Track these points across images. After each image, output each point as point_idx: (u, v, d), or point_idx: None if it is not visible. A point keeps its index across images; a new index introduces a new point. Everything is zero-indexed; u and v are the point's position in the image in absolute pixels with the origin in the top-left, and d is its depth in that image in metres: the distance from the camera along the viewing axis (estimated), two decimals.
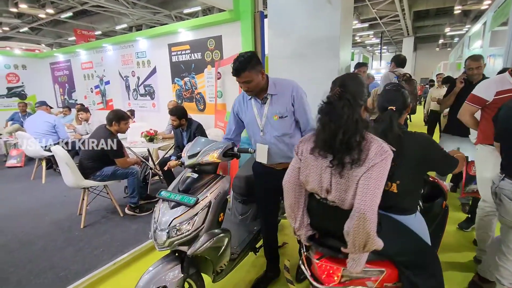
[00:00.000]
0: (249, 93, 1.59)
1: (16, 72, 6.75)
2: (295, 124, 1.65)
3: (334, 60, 2.56)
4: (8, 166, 5.05)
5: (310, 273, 1.24)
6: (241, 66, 1.48)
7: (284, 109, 1.59)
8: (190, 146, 1.68)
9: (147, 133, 3.59)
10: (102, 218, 2.94)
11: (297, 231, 1.25)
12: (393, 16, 13.97)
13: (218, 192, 1.56)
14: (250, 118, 1.68)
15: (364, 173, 1.01)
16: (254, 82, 1.53)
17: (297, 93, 1.59)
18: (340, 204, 1.09)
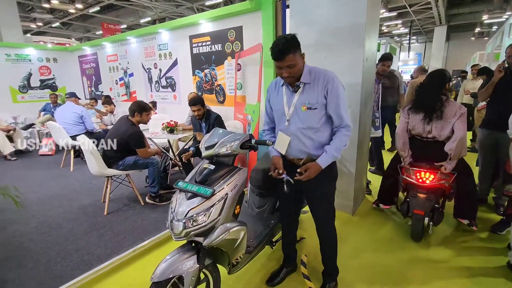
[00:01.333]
0: (290, 79, 1.43)
1: (48, 65, 7.12)
2: (326, 119, 1.50)
3: (359, 49, 2.43)
4: (40, 154, 5.37)
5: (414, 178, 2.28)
6: (285, 48, 1.33)
7: (314, 100, 1.45)
8: (207, 137, 1.66)
9: (167, 124, 3.65)
10: (124, 206, 3.04)
11: (405, 159, 2.37)
12: (424, 3, 13.12)
13: (235, 184, 1.53)
14: (278, 105, 1.57)
15: (457, 120, 2.15)
16: (297, 66, 1.39)
17: (332, 85, 1.43)
18: (438, 138, 2.24)
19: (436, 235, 2.38)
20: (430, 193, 2.20)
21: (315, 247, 2.20)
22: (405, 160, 2.35)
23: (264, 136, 1.72)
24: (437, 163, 2.22)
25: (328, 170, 1.54)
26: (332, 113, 1.47)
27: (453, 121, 2.14)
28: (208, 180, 1.53)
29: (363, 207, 2.98)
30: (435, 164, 2.22)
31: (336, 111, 1.46)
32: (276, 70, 1.44)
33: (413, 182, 2.24)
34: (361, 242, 2.32)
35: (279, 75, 1.46)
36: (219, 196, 1.46)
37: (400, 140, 2.39)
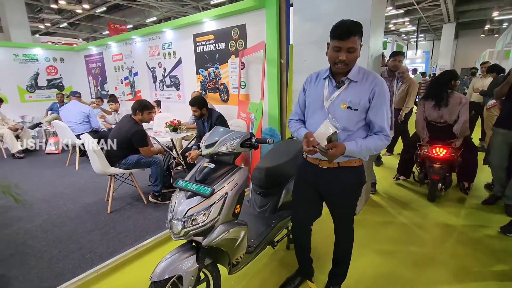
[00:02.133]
0: (343, 67, 1.29)
1: (55, 64, 7.21)
2: (364, 124, 1.37)
3: (364, 46, 2.35)
4: (47, 152, 5.44)
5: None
6: (353, 28, 1.23)
7: (357, 100, 1.31)
8: (208, 136, 1.64)
9: (171, 123, 3.64)
10: (127, 204, 3.05)
11: (425, 138, 2.96)
12: (433, 0, 12.90)
13: (235, 183, 1.51)
14: (315, 97, 1.43)
15: (462, 107, 2.79)
16: (356, 52, 1.28)
17: (381, 90, 1.31)
18: (449, 121, 2.87)
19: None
20: (443, 164, 2.84)
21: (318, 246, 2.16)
22: (424, 139, 2.98)
23: (290, 126, 1.57)
24: (448, 140, 2.89)
25: (357, 177, 1.47)
26: (373, 119, 1.34)
27: (459, 108, 2.81)
28: (208, 179, 1.51)
29: (368, 206, 2.93)
30: (448, 141, 2.88)
31: (379, 118, 1.33)
32: (331, 53, 1.30)
33: (430, 155, 2.88)
34: (365, 244, 2.27)
35: (332, 59, 1.30)
36: (219, 195, 1.44)
37: (419, 124, 3.03)
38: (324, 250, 2.08)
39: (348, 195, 1.51)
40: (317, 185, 1.53)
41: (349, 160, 1.43)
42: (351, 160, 1.43)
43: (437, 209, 2.81)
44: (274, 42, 3.41)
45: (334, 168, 1.44)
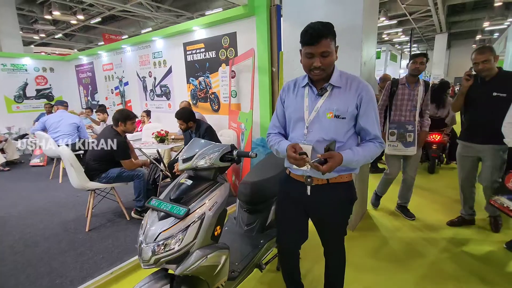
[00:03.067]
0: (320, 74, 1.18)
1: (44, 74, 7.06)
2: (353, 132, 1.26)
3: (356, 52, 2.27)
4: (32, 165, 5.23)
5: None
6: (323, 31, 1.12)
7: (344, 108, 1.20)
8: (186, 148, 1.49)
9: (157, 133, 3.49)
10: (108, 221, 2.85)
11: None
12: (425, 11, 13.09)
13: (214, 202, 1.35)
14: (295, 108, 1.28)
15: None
16: (331, 57, 1.16)
17: (368, 95, 1.20)
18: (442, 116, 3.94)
19: None
20: (438, 145, 3.95)
21: (310, 269, 1.99)
22: None
23: (269, 140, 1.41)
24: (441, 129, 3.92)
25: (348, 194, 1.33)
26: (365, 126, 1.23)
27: (449, 107, 3.57)
28: (184, 198, 1.34)
29: (364, 221, 2.76)
30: (441, 129, 3.91)
31: (370, 125, 1.23)
32: (304, 61, 1.19)
33: (429, 140, 3.89)
34: (362, 261, 2.10)
35: (307, 67, 1.20)
36: (195, 216, 1.27)
37: None
38: (318, 272, 1.90)
39: (339, 214, 1.36)
40: (303, 205, 1.36)
41: (339, 175, 1.29)
42: (342, 176, 1.30)
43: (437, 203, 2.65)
44: (265, 50, 3.32)
45: (323, 185, 1.29)
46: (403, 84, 2.55)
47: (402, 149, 2.54)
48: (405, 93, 2.53)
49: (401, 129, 2.53)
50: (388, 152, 2.61)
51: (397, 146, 2.56)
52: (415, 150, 2.53)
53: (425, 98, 2.52)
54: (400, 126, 2.54)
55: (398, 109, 2.55)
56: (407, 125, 2.51)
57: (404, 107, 2.53)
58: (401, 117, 2.54)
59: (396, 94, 2.56)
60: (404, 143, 2.53)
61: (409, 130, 2.51)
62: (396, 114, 2.57)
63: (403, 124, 2.52)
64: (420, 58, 2.49)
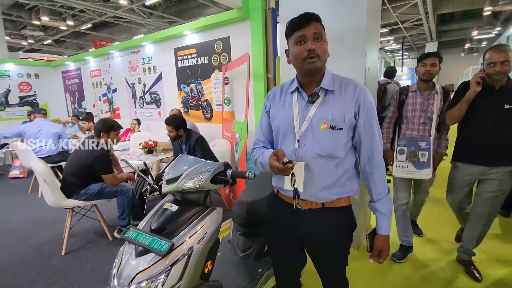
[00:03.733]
0: (316, 60, 0.99)
1: (29, 81, 6.74)
2: (352, 145, 1.08)
3: (360, 56, 2.10)
4: (11, 177, 4.89)
5: None
6: (313, 14, 1.00)
7: (341, 117, 1.01)
8: (170, 167, 1.27)
9: (145, 144, 3.24)
10: (88, 242, 2.57)
11: None
12: (416, 20, 13.27)
13: (204, 232, 1.12)
14: (284, 118, 1.09)
15: None
16: (324, 43, 1.00)
17: (365, 99, 1.02)
18: None
19: None
20: None
21: None
22: None
23: (253, 155, 1.23)
24: None
25: (348, 220, 1.13)
26: (363, 140, 1.04)
27: None
28: (168, 227, 1.12)
29: None
30: None
31: (372, 138, 1.04)
32: (295, 50, 1.01)
33: None
34: (368, 285, 1.88)
35: (299, 56, 1.00)
36: (181, 252, 1.05)
37: None
38: None
39: (337, 244, 1.15)
40: (296, 232, 1.14)
41: (338, 199, 1.08)
42: (340, 199, 1.09)
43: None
44: (261, 55, 3.13)
45: (317, 210, 1.08)
46: (414, 91, 2.09)
47: (413, 171, 2.04)
48: (417, 103, 2.07)
49: (413, 146, 2.04)
50: (396, 174, 2.11)
51: (407, 167, 2.05)
52: (430, 173, 2.00)
53: (443, 108, 2.03)
54: (411, 143, 2.05)
55: (410, 121, 2.09)
56: (420, 142, 2.02)
57: (417, 120, 2.06)
58: (412, 132, 2.07)
59: (406, 103, 2.11)
60: (415, 164, 2.03)
61: (422, 147, 2.00)
62: (407, 128, 2.10)
63: (415, 141, 2.04)
64: (430, 59, 2.00)
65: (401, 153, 2.08)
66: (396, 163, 2.10)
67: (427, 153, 2.00)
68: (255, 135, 1.27)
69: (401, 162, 2.08)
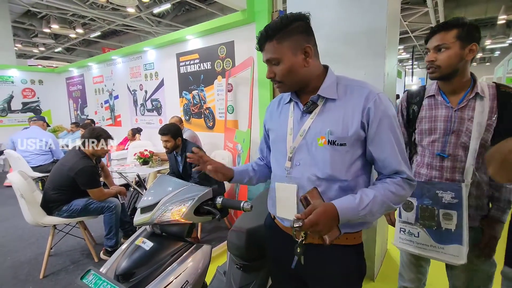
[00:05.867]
0: (279, 86, 0.87)
1: (32, 87, 6.68)
2: (362, 165, 0.85)
3: (379, 59, 1.84)
4: (6, 185, 4.70)
5: None
6: (264, 33, 0.83)
7: (342, 130, 0.81)
8: (147, 191, 1.01)
9: (140, 154, 3.01)
10: (72, 263, 2.32)
11: None
12: (427, 28, 13.02)
13: (184, 281, 0.85)
14: (278, 132, 0.94)
15: None
16: (283, 64, 0.82)
17: (378, 106, 0.80)
18: None
19: None
20: None
21: None
22: None
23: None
24: None
25: (357, 263, 0.90)
26: (377, 156, 0.82)
27: None
28: (138, 272, 0.85)
29: (387, 265, 2.24)
30: None
31: (386, 155, 0.81)
32: None
33: None
34: None
35: None
36: None
37: None
38: None
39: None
40: (297, 270, 0.87)
41: (345, 234, 0.86)
42: (347, 235, 0.87)
43: None
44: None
45: (319, 247, 0.85)
46: (433, 97, 1.20)
47: (428, 246, 1.16)
48: (438, 117, 1.16)
49: (428, 198, 1.15)
50: (399, 245, 1.25)
51: (417, 235, 1.18)
52: (464, 256, 1.08)
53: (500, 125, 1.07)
54: (425, 192, 1.16)
55: (425, 151, 1.21)
56: (443, 192, 1.11)
57: (438, 148, 1.17)
58: (430, 171, 1.18)
59: (418, 119, 1.23)
60: (433, 232, 1.14)
61: (446, 202, 1.10)
62: (420, 162, 1.24)
63: (433, 188, 1.14)
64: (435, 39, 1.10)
65: (407, 208, 1.21)
66: (398, 225, 1.25)
67: (455, 215, 1.09)
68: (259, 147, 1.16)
69: (407, 225, 1.21)
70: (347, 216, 0.74)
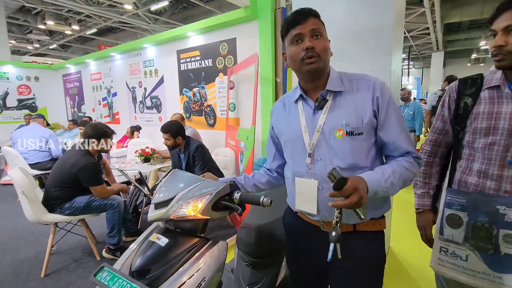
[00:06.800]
0: (316, 60, 0.84)
1: (28, 84, 6.57)
2: (376, 151, 0.91)
3: (386, 57, 1.85)
4: (2, 183, 4.64)
5: None
6: (309, 9, 0.87)
7: (357, 120, 0.86)
8: (160, 187, 1.00)
9: (141, 151, 2.98)
10: (74, 262, 2.29)
11: None
12: (423, 29, 13.11)
13: (201, 278, 0.84)
14: (292, 131, 0.95)
15: None
16: (324, 40, 0.87)
17: (384, 94, 0.87)
18: None
19: None
20: None
21: None
22: None
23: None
24: None
25: (380, 251, 0.93)
26: (387, 140, 0.88)
27: None
28: (154, 269, 0.84)
29: (389, 262, 2.25)
30: None
31: (395, 139, 0.87)
32: (291, 51, 0.88)
33: None
34: None
35: (297, 57, 0.86)
36: None
37: None
38: None
39: (370, 276, 0.93)
40: (320, 259, 0.89)
41: (371, 220, 0.90)
42: (374, 221, 0.91)
43: None
44: (269, 58, 2.90)
45: (345, 235, 0.85)
46: (494, 88, 0.97)
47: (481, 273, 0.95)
48: (502, 114, 0.93)
49: (482, 214, 0.95)
50: (440, 270, 1.04)
51: (465, 258, 0.98)
52: None
53: None
54: (479, 205, 0.96)
55: (480, 155, 0.99)
56: (506, 207, 0.91)
57: (500, 153, 0.94)
58: (485, 180, 0.97)
59: (472, 114, 1.00)
60: (488, 258, 0.94)
61: (510, 222, 0.90)
62: (472, 169, 1.01)
63: (490, 202, 0.94)
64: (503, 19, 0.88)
65: (452, 223, 0.99)
66: (438, 244, 1.03)
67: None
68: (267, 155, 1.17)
69: (451, 245, 1.00)
70: (374, 187, 0.78)
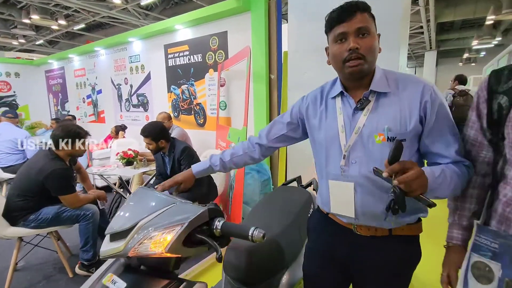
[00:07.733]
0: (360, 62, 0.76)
1: (8, 80, 6.21)
2: (417, 157, 0.83)
3: (394, 51, 1.68)
4: None
5: None
6: (357, 3, 0.78)
7: (402, 125, 0.78)
8: (120, 210, 0.77)
9: (123, 154, 2.73)
10: (43, 278, 2.03)
11: None
12: (416, 28, 13.09)
13: None
14: (327, 129, 0.88)
15: None
16: (373, 38, 0.78)
17: (435, 99, 0.77)
18: None
19: None
20: None
21: None
22: None
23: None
24: None
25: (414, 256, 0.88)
26: (438, 152, 0.79)
27: None
28: None
29: None
30: None
31: (446, 149, 0.78)
32: (335, 50, 0.80)
33: None
34: None
35: (339, 57, 0.79)
36: None
37: None
38: None
39: (398, 282, 0.89)
40: (348, 264, 0.90)
41: (408, 225, 0.84)
42: (411, 226, 0.85)
43: None
44: (262, 53, 2.69)
45: (381, 238, 0.83)
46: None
47: None
48: None
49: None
50: None
51: None
52: None
53: None
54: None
55: None
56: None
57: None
58: None
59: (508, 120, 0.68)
60: None
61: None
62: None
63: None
64: None
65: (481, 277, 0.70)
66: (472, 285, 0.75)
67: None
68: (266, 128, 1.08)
69: None
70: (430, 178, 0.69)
